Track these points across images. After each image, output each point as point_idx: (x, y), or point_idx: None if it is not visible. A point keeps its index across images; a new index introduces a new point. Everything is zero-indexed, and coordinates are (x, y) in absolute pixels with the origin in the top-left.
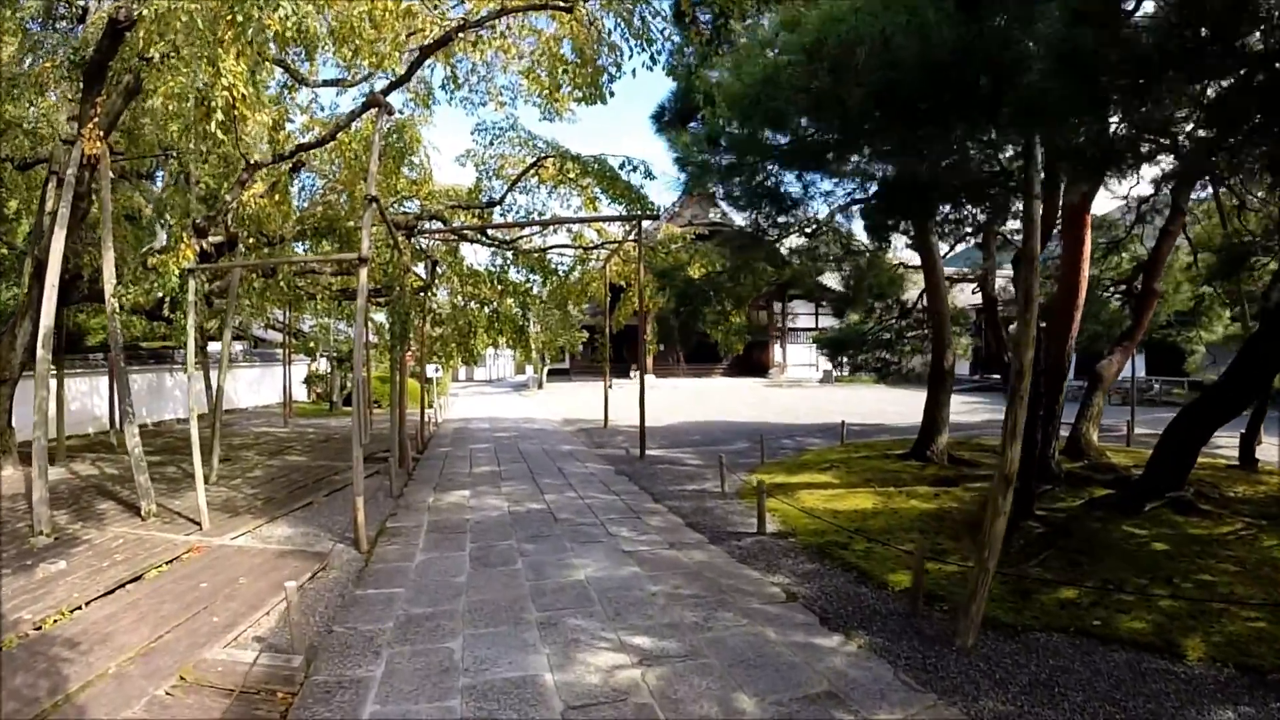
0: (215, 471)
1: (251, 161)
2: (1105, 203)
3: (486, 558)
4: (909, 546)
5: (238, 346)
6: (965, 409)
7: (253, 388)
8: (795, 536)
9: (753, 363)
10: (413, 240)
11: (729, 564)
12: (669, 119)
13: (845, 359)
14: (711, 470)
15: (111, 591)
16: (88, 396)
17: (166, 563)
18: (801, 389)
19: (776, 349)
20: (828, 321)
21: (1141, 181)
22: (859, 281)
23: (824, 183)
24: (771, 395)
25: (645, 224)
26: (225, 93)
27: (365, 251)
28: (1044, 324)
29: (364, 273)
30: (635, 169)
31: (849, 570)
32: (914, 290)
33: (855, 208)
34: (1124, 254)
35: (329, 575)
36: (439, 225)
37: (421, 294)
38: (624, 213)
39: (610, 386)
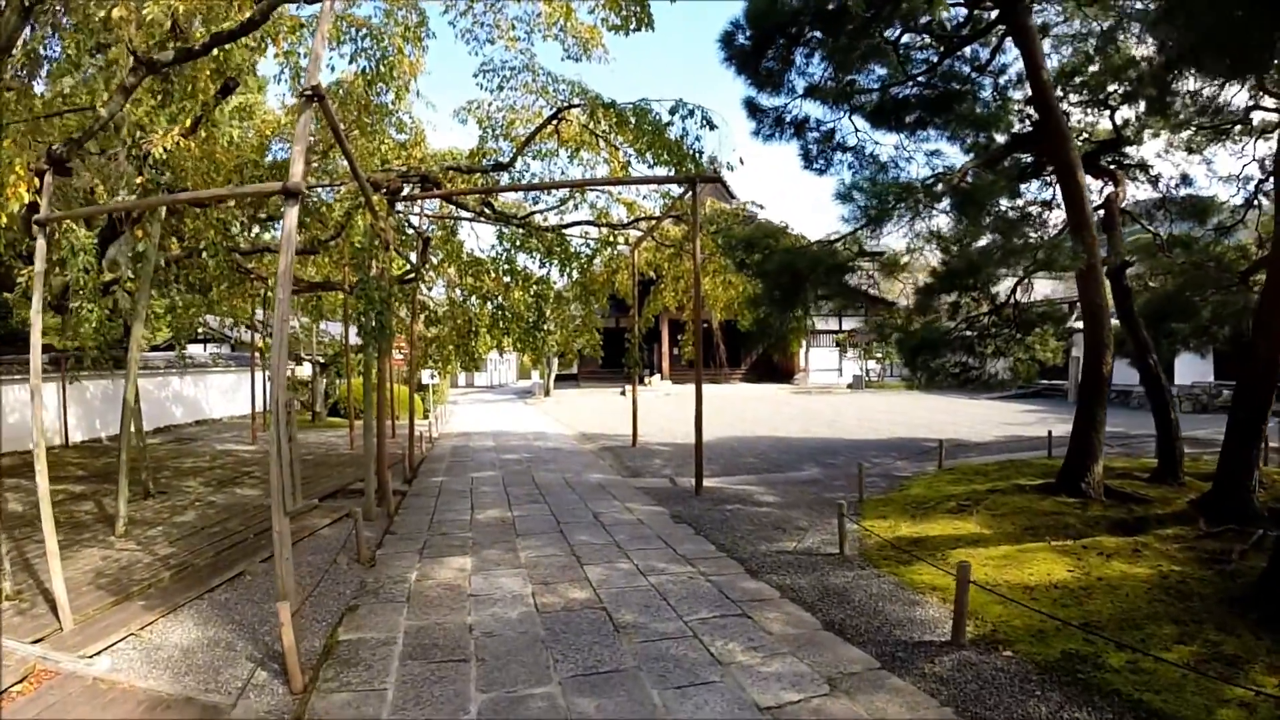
0: (123, 520)
1: (139, 57)
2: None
3: None
4: (1175, 651)
5: (212, 349)
6: (1029, 418)
7: (227, 396)
8: (1009, 645)
9: (775, 367)
10: (397, 211)
11: None
12: (744, 42)
13: (922, 363)
14: (798, 512)
15: None
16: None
17: None
18: (834, 396)
19: (801, 353)
20: (851, 324)
21: (1252, 161)
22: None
23: (929, 143)
24: (808, 404)
25: (685, 194)
26: None
27: (295, 180)
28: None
29: (293, 214)
30: (690, 114)
31: None
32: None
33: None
34: (1227, 242)
35: None
36: (430, 193)
37: (410, 282)
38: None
39: (623, 394)
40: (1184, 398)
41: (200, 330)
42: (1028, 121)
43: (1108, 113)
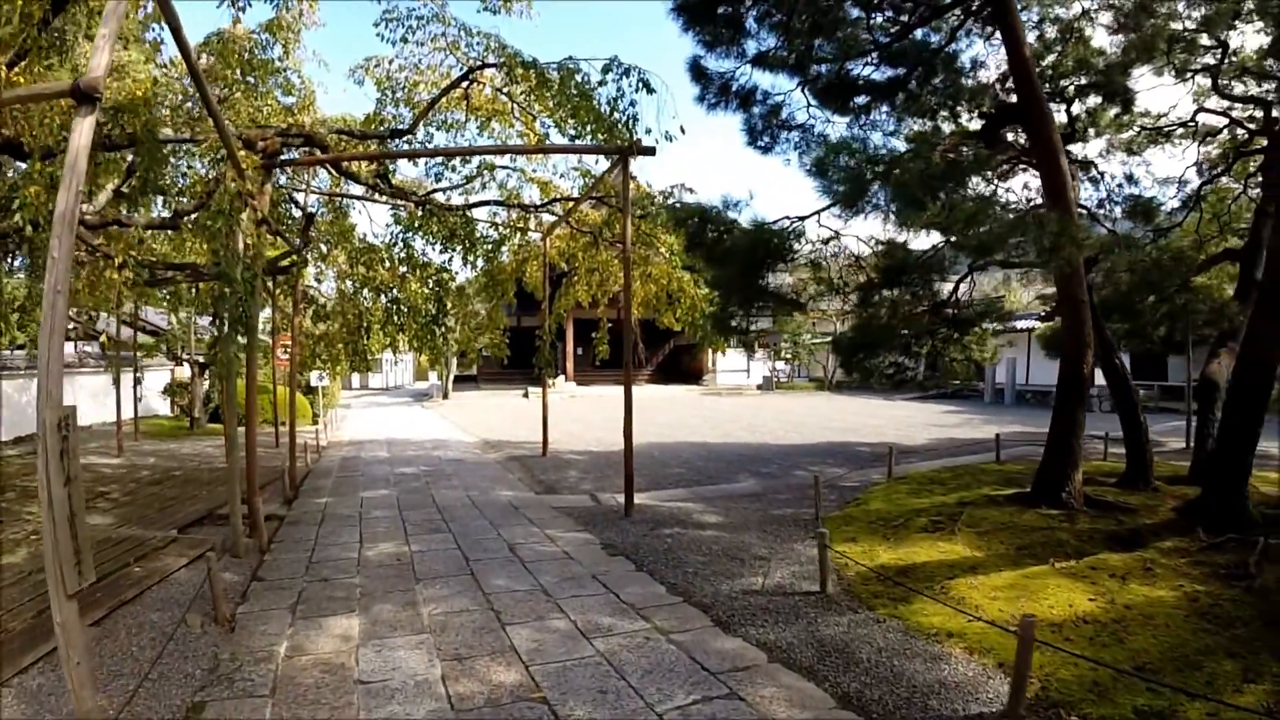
0: None
1: None
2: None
3: None
4: (1249, 693)
5: (82, 346)
6: (953, 419)
7: (99, 400)
8: (1070, 707)
9: (681, 369)
10: (279, 185)
11: None
12: None
13: (858, 363)
14: (751, 535)
15: None
16: None
17: None
18: (745, 397)
19: (709, 354)
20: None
21: (1191, 166)
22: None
23: (880, 128)
24: (721, 406)
25: (611, 171)
26: None
27: (92, 76)
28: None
29: (86, 126)
30: (625, 74)
31: None
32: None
33: None
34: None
35: None
36: (315, 157)
37: (289, 270)
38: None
39: (526, 396)
40: (1103, 398)
41: (69, 328)
42: (978, 112)
43: (1063, 106)
